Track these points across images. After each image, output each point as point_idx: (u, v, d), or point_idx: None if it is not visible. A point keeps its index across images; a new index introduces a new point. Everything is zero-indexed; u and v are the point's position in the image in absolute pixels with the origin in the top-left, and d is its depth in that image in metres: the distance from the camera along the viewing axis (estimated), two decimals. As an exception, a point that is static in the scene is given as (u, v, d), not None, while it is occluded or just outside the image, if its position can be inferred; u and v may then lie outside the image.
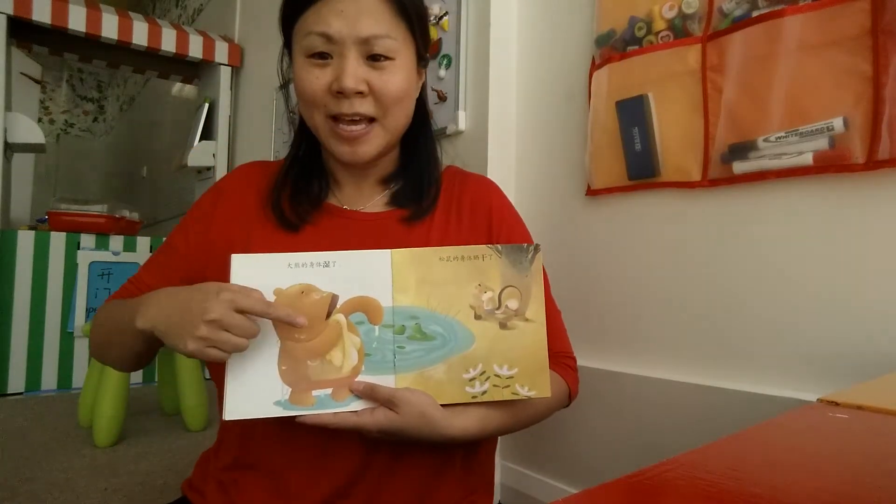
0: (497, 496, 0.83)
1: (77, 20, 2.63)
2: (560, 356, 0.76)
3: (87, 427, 2.04)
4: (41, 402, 2.45)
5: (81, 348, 2.74)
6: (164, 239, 0.79)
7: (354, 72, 0.65)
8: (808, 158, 0.85)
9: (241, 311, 0.56)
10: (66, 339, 2.71)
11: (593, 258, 1.19)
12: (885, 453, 0.39)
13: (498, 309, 0.63)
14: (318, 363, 0.60)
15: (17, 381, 2.59)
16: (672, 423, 1.00)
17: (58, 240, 2.72)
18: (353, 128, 0.68)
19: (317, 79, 0.66)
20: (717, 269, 0.98)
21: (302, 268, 0.61)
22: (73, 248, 2.76)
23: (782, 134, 0.88)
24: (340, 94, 0.66)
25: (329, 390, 0.60)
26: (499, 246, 0.64)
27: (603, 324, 1.16)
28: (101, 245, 2.84)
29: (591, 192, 1.19)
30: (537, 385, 0.63)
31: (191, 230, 0.76)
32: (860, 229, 0.82)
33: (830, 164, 0.83)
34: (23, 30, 2.60)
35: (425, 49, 0.74)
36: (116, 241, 2.88)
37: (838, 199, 0.84)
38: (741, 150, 0.93)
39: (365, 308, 0.62)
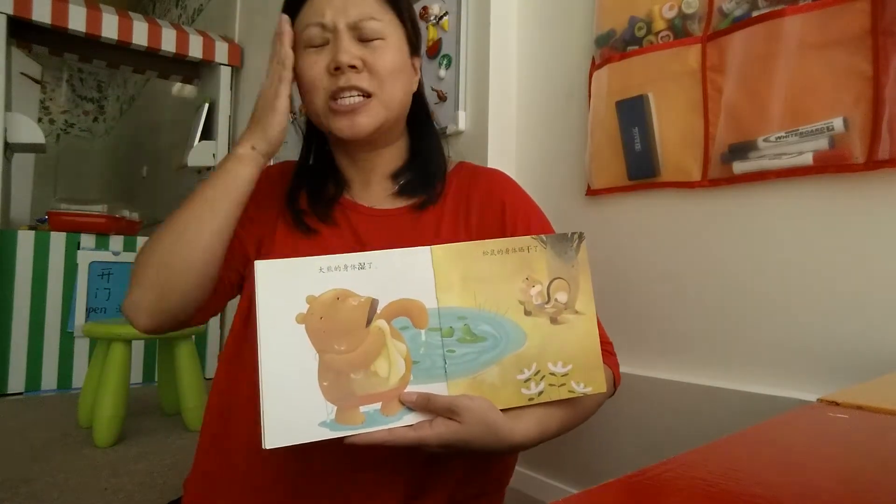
0: (497, 496, 0.82)
1: (77, 20, 2.63)
2: (604, 344, 0.75)
3: (87, 427, 2.04)
4: (41, 402, 2.45)
5: (81, 348, 2.74)
6: None
7: (348, 48, 0.70)
8: (808, 158, 0.85)
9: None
10: (66, 339, 2.71)
11: (593, 258, 1.17)
12: (885, 453, 0.39)
13: (548, 303, 0.60)
14: (362, 376, 0.55)
15: (17, 381, 2.59)
16: (672, 423, 1.00)
17: (58, 240, 2.72)
18: (350, 100, 0.71)
19: (315, 63, 0.72)
20: (716, 269, 0.98)
21: (335, 271, 0.56)
22: (73, 248, 2.76)
23: (782, 134, 0.88)
24: (338, 70, 0.70)
25: (378, 405, 0.55)
26: (543, 236, 0.61)
27: (602, 324, 1.16)
28: (101, 245, 2.84)
29: (591, 192, 1.19)
30: (593, 380, 0.60)
31: None
32: (860, 229, 0.82)
33: (830, 164, 0.83)
34: (23, 30, 2.60)
35: (416, 38, 0.78)
36: (116, 241, 2.88)
37: (838, 199, 0.84)
38: (741, 150, 0.93)
39: (408, 311, 0.57)
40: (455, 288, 0.58)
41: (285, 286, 0.54)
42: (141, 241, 2.95)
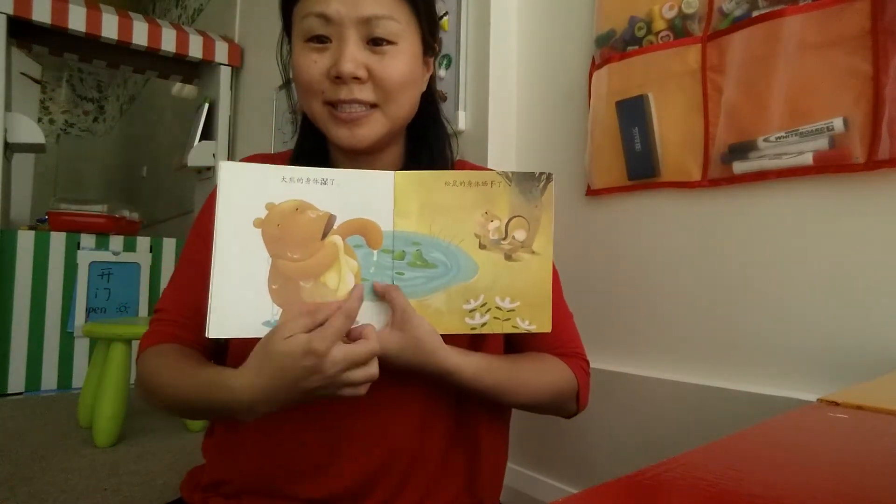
0: (497, 496, 0.82)
1: (77, 20, 2.63)
2: (577, 358, 0.74)
3: (87, 427, 2.04)
4: (41, 402, 2.45)
5: (81, 348, 2.74)
6: (182, 251, 0.73)
7: (353, 56, 0.62)
8: (808, 158, 0.85)
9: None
10: (66, 339, 2.71)
11: (593, 258, 1.19)
12: (885, 453, 0.39)
13: (504, 239, 0.61)
14: (311, 285, 0.57)
15: (17, 381, 2.59)
16: (672, 423, 1.00)
17: (58, 240, 2.72)
18: (352, 110, 0.64)
19: (314, 63, 0.64)
20: (716, 269, 0.98)
21: (297, 183, 0.57)
22: (73, 248, 2.76)
23: (782, 134, 0.88)
24: (339, 79, 0.63)
25: None
26: (509, 172, 0.61)
27: (602, 324, 1.16)
28: (101, 245, 2.84)
29: (591, 192, 1.19)
30: (538, 319, 0.62)
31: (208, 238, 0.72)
32: (860, 229, 0.82)
33: (830, 164, 0.83)
34: (23, 30, 2.60)
35: (433, 37, 0.71)
36: (116, 241, 2.88)
37: (838, 199, 0.84)
38: (741, 150, 0.93)
39: (363, 231, 0.59)
40: (412, 214, 0.60)
41: (247, 190, 0.56)
42: (141, 241, 2.96)
